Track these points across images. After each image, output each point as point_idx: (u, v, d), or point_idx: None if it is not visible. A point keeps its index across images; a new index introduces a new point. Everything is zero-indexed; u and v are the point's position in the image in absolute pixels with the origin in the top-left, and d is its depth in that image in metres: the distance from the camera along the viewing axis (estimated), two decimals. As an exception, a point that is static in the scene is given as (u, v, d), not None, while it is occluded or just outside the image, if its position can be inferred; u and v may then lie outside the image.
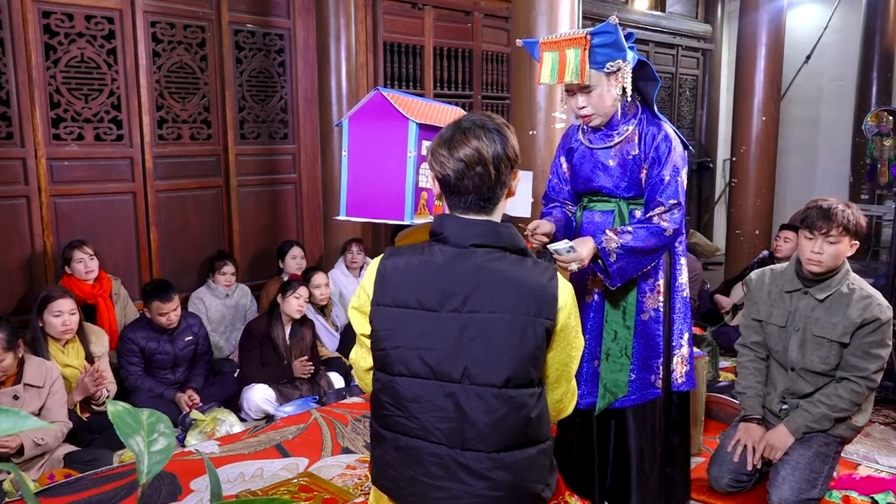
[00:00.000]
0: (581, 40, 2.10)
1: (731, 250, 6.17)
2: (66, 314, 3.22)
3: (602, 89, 2.17)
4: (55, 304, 3.20)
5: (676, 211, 2.18)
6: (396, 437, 1.53)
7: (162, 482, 2.73)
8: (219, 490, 0.97)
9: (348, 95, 4.92)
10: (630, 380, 2.30)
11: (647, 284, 2.29)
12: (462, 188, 1.48)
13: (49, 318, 3.20)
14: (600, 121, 2.24)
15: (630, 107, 2.26)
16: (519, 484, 1.48)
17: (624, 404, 2.30)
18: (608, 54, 2.12)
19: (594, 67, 2.14)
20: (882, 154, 6.73)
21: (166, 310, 3.61)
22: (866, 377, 2.43)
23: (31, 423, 0.67)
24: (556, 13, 3.53)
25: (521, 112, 3.67)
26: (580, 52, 2.10)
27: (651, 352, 2.30)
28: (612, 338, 2.31)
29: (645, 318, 2.30)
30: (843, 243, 2.42)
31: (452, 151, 1.47)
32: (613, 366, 2.29)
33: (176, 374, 3.74)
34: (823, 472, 2.46)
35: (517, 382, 1.46)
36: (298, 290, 3.87)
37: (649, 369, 2.30)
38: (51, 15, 4.05)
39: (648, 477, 2.33)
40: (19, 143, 4.01)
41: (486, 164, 1.46)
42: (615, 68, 2.14)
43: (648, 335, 2.30)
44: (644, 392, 2.30)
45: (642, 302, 2.29)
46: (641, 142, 2.22)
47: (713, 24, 8.59)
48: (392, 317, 1.50)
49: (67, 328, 3.23)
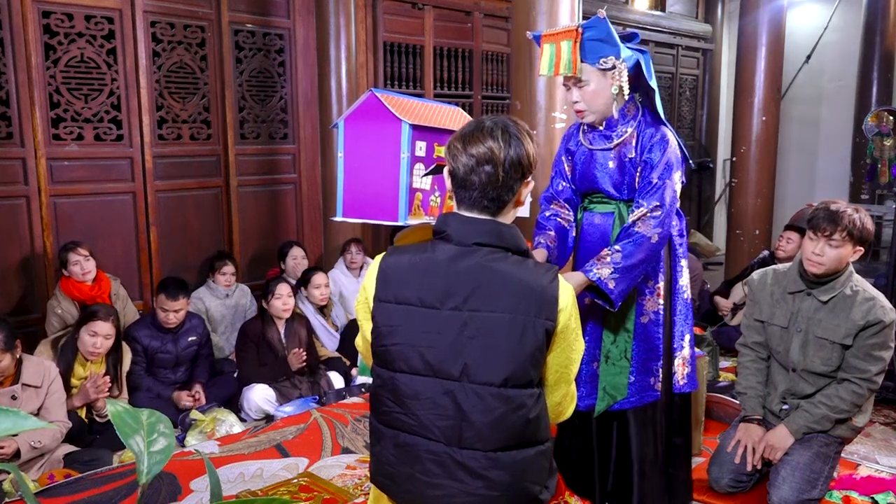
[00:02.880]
0: (573, 33, 2.13)
1: (731, 250, 6.17)
2: (101, 337, 3.21)
3: (596, 85, 2.17)
4: (95, 325, 3.20)
5: (658, 213, 2.12)
6: (396, 434, 1.53)
7: (162, 482, 2.73)
8: (219, 490, 0.97)
9: (348, 95, 4.91)
10: (629, 382, 2.29)
11: (647, 287, 2.28)
12: (468, 183, 1.48)
13: (84, 335, 3.20)
14: (593, 118, 2.24)
15: (630, 108, 2.25)
16: (516, 484, 1.48)
17: (623, 406, 2.30)
18: (600, 49, 2.12)
19: (587, 62, 2.15)
20: (882, 154, 6.73)
21: (168, 307, 3.61)
22: (868, 379, 2.43)
23: (31, 423, 0.67)
24: (556, 13, 3.53)
25: (521, 112, 3.67)
26: (572, 44, 2.13)
27: (651, 354, 2.29)
28: (612, 340, 2.31)
29: (644, 321, 2.28)
30: (846, 248, 2.40)
31: (466, 147, 1.48)
32: (613, 368, 2.29)
33: (176, 374, 3.75)
34: (824, 473, 2.46)
35: (516, 382, 1.46)
36: (278, 289, 3.84)
37: (649, 372, 2.29)
38: (51, 15, 4.05)
39: (650, 479, 2.33)
40: (19, 143, 4.01)
41: (495, 164, 1.46)
42: (609, 65, 2.14)
43: (648, 338, 2.29)
44: (643, 395, 2.29)
45: (642, 305, 2.28)
46: (638, 144, 2.21)
47: (713, 23, 8.59)
48: (393, 313, 1.50)
49: (97, 351, 3.22)
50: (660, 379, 2.30)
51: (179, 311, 3.66)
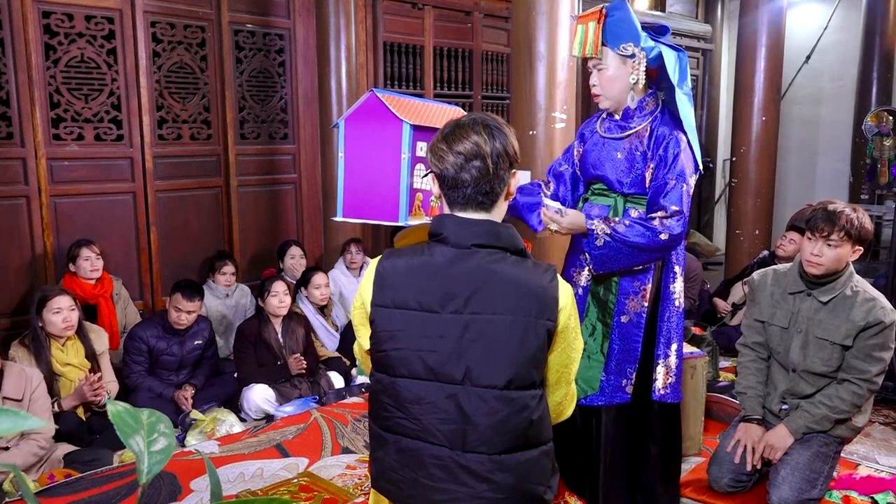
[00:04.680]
0: (597, 14, 2.18)
1: (731, 250, 6.17)
2: (66, 310, 3.20)
3: (614, 71, 2.20)
4: (54, 302, 3.18)
5: (677, 218, 2.12)
6: (398, 440, 1.52)
7: (162, 482, 2.73)
8: (219, 490, 0.97)
9: (348, 95, 4.91)
10: (602, 379, 2.28)
11: (633, 287, 2.26)
12: (460, 181, 1.48)
13: (49, 317, 3.17)
14: (608, 104, 2.26)
15: (649, 103, 2.25)
16: (520, 486, 1.48)
17: (593, 402, 2.28)
18: (620, 34, 2.16)
19: (609, 45, 2.19)
20: (882, 154, 6.73)
21: (183, 307, 3.62)
22: (868, 379, 2.43)
23: (31, 423, 0.67)
24: (556, 13, 3.53)
25: (521, 112, 3.66)
26: (595, 25, 2.17)
27: (626, 356, 2.27)
28: (590, 332, 2.30)
29: (624, 321, 2.26)
30: (845, 248, 2.40)
31: (451, 145, 1.48)
32: (588, 362, 2.27)
33: (179, 376, 3.73)
34: (823, 472, 2.46)
35: (519, 384, 1.45)
36: (274, 287, 3.84)
37: (622, 373, 2.27)
38: (51, 15, 4.05)
39: (612, 479, 2.32)
40: (19, 143, 4.01)
41: (484, 158, 1.46)
42: (629, 52, 2.16)
43: (626, 338, 2.26)
44: (613, 395, 2.27)
45: (624, 303, 2.26)
46: (651, 139, 2.21)
47: (713, 24, 8.58)
48: (393, 318, 1.49)
49: (68, 324, 3.20)
50: (632, 382, 2.27)
51: (192, 312, 3.66)
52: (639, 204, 2.26)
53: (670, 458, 2.43)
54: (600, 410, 2.30)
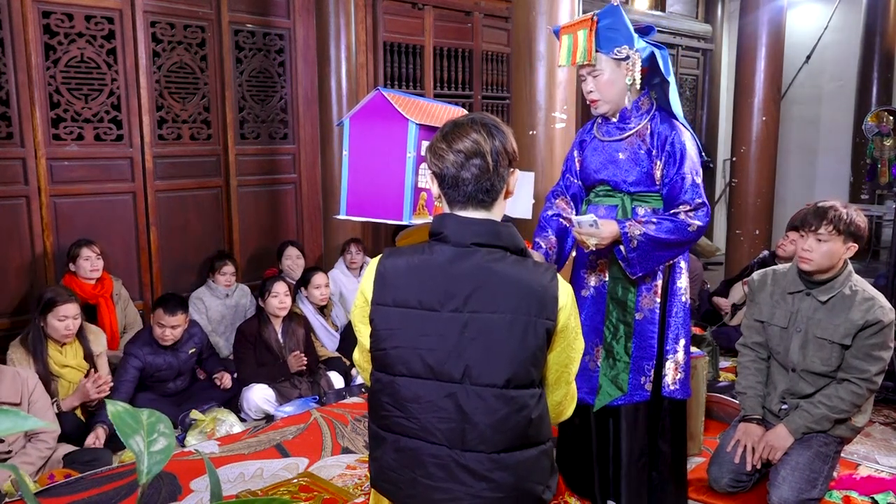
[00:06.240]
0: (588, 21, 2.19)
1: (731, 250, 6.17)
2: (70, 319, 3.18)
3: (610, 75, 2.21)
4: (62, 309, 3.15)
5: (703, 209, 2.19)
6: (397, 439, 1.52)
7: (162, 482, 2.73)
8: (219, 490, 0.97)
9: (348, 95, 4.92)
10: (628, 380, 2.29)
11: (645, 284, 2.28)
12: (460, 180, 1.48)
13: (53, 322, 3.15)
14: (607, 108, 2.27)
15: (644, 102, 2.27)
16: (520, 485, 1.48)
17: (616, 403, 2.29)
18: (614, 38, 2.17)
19: (602, 51, 2.20)
20: (882, 154, 6.73)
21: (166, 322, 3.48)
22: (867, 379, 2.43)
23: (31, 423, 0.67)
24: (556, 13, 3.53)
25: (521, 112, 3.67)
26: (587, 32, 2.18)
27: (644, 353, 2.28)
28: (613, 335, 2.30)
29: (640, 318, 2.28)
30: (835, 242, 2.41)
31: (451, 144, 1.48)
32: (616, 365, 2.28)
33: (177, 383, 3.69)
34: (823, 472, 2.46)
35: (518, 383, 1.45)
36: (274, 287, 3.83)
37: (640, 371, 2.28)
38: (51, 15, 4.05)
39: (633, 478, 2.32)
40: (19, 143, 4.00)
41: (484, 156, 1.47)
42: (623, 55, 2.18)
43: (643, 336, 2.28)
44: (634, 394, 2.29)
45: (638, 301, 2.28)
46: (654, 137, 2.24)
47: (713, 24, 8.58)
48: (392, 317, 1.50)
49: (70, 332, 3.20)
50: (650, 379, 2.29)
51: (177, 327, 3.53)
52: (645, 202, 2.28)
53: (681, 456, 2.44)
54: (618, 411, 2.30)
